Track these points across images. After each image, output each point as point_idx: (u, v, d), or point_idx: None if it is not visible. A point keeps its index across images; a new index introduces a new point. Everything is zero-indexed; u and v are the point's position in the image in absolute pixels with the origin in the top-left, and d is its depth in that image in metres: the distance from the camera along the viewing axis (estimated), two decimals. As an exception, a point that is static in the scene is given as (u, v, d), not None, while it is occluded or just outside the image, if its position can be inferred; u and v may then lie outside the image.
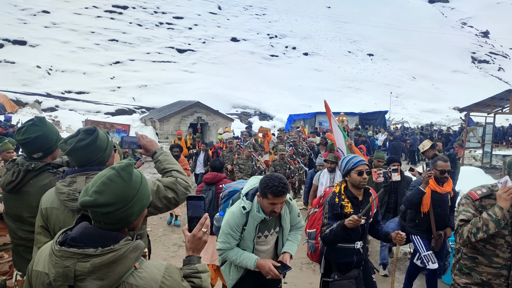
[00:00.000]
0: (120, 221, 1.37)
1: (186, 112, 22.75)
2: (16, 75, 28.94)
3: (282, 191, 2.57)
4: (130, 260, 1.30)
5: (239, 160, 8.18)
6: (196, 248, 1.59)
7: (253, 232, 2.81)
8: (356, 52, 55.36)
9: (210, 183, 4.56)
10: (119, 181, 1.36)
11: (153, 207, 2.04)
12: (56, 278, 1.27)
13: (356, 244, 3.13)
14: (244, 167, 7.96)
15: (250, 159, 8.17)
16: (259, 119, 30.66)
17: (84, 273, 1.24)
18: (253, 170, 7.95)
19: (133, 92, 31.64)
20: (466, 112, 17.12)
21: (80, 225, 1.38)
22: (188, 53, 43.30)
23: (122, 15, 46.48)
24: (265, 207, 2.69)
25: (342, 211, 3.07)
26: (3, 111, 20.58)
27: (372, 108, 33.21)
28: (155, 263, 1.41)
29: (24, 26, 37.50)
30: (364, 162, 3.11)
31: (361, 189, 3.15)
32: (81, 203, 1.33)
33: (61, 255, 1.27)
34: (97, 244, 1.28)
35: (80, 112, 25.65)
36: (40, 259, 1.40)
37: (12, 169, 2.34)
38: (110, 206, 1.33)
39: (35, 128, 2.33)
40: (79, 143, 1.99)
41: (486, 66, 58.28)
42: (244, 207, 2.77)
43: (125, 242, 1.31)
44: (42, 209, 2.00)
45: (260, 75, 40.70)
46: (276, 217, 2.89)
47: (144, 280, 1.32)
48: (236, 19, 54.79)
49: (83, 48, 37.45)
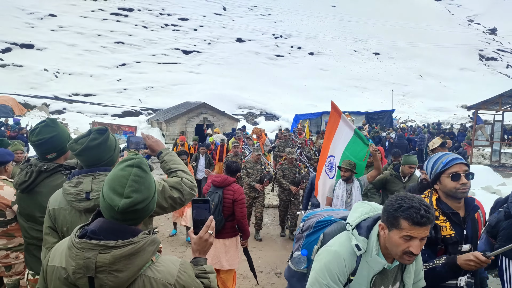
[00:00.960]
0: (146, 212, 1.42)
1: (192, 113, 22.81)
2: (24, 79, 29.26)
3: (427, 216, 1.63)
4: (148, 253, 1.34)
5: (247, 164, 7.63)
6: (202, 250, 1.61)
7: (365, 287, 1.82)
8: (362, 51, 55.11)
9: (218, 186, 4.38)
10: (144, 175, 1.42)
11: (159, 207, 2.04)
12: (76, 271, 1.29)
13: (460, 280, 2.19)
14: (253, 171, 7.41)
15: (258, 163, 7.65)
16: (265, 119, 30.65)
17: (105, 264, 1.27)
18: (262, 175, 7.44)
19: (140, 94, 31.82)
20: (474, 110, 16.96)
21: (98, 220, 1.41)
22: (194, 55, 43.43)
23: (128, 18, 46.79)
24: (394, 245, 1.70)
25: (438, 234, 2.14)
26: (11, 114, 20.83)
27: (379, 107, 33.01)
28: (171, 258, 1.45)
29: (31, 30, 37.90)
30: (460, 161, 2.20)
31: (460, 199, 2.21)
32: (123, 206, 1.33)
33: (82, 247, 1.29)
34: (116, 238, 1.31)
35: (87, 114, 25.86)
36: (56, 255, 1.43)
37: (25, 170, 2.38)
38: (146, 201, 1.40)
39: (49, 129, 2.38)
40: (91, 142, 2.01)
41: (494, 64, 57.67)
42: (357, 246, 1.79)
43: (143, 235, 1.35)
44: (50, 210, 2.02)
45: (265, 76, 40.69)
46: (397, 268, 1.90)
47: (161, 273, 1.35)
48: (241, 20, 54.86)
49: (89, 51, 37.74)
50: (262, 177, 7.35)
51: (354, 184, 4.99)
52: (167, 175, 2.29)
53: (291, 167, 7.56)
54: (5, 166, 3.13)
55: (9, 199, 2.86)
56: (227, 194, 4.27)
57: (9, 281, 2.94)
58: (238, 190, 4.33)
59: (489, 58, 59.13)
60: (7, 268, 2.94)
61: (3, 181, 2.95)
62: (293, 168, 7.59)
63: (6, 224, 2.88)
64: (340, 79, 43.92)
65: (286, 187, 7.21)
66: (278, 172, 7.54)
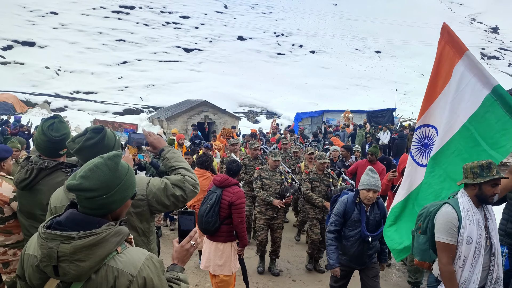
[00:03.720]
0: (102, 207, 1.44)
1: (193, 111, 22.80)
2: (25, 76, 29.28)
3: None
4: (111, 244, 1.37)
5: (263, 172, 5.55)
6: (181, 258, 1.68)
7: None
8: (364, 49, 54.99)
9: (218, 185, 4.19)
10: (105, 169, 1.45)
11: (161, 205, 2.04)
12: (42, 259, 1.35)
13: None
14: (271, 182, 5.45)
15: (277, 171, 5.62)
16: (266, 117, 30.62)
17: (66, 254, 1.31)
18: (284, 188, 5.40)
19: (141, 92, 31.81)
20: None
21: (67, 211, 1.46)
22: (195, 52, 43.39)
23: (129, 15, 46.75)
24: None
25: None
26: (13, 111, 20.84)
27: (380, 105, 32.93)
28: (138, 251, 1.49)
29: (33, 27, 37.91)
30: None
31: None
32: (67, 185, 1.42)
33: (45, 237, 1.34)
34: (81, 228, 1.36)
35: (89, 112, 25.85)
36: (32, 243, 1.48)
37: (26, 167, 2.38)
38: (93, 191, 1.41)
39: (64, 125, 2.48)
40: (87, 142, 2.01)
41: (495, 62, 57.49)
42: None
43: (107, 226, 1.39)
44: (52, 208, 2.03)
45: (267, 74, 40.63)
46: None
47: (124, 264, 1.39)
48: (242, 18, 54.77)
49: (91, 48, 37.74)
50: (284, 191, 5.41)
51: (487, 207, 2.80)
52: (168, 172, 2.28)
53: (322, 176, 5.64)
54: (2, 162, 3.10)
55: (7, 195, 2.85)
56: (226, 196, 4.08)
57: (8, 279, 2.93)
58: (237, 193, 4.10)
59: (491, 56, 58.95)
60: (4, 265, 2.93)
61: (1, 177, 2.94)
62: (325, 178, 5.64)
63: (4, 221, 2.87)
64: (341, 78, 43.83)
65: (319, 203, 5.44)
66: (306, 184, 5.59)
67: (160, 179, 2.10)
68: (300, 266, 5.68)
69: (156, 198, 2.02)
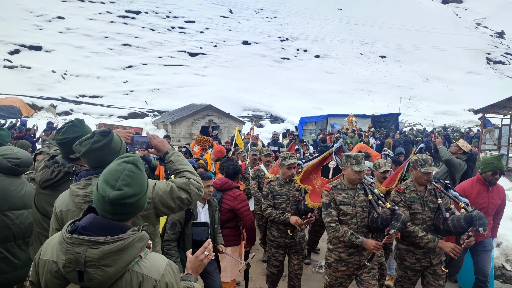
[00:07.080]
0: (137, 209, 1.51)
1: (197, 115, 22.87)
2: (31, 80, 29.51)
3: None
4: (136, 249, 1.40)
5: (275, 185, 4.12)
6: (195, 269, 1.71)
7: None
8: (368, 54, 54.93)
9: (218, 189, 4.07)
10: (138, 172, 1.51)
11: (167, 208, 2.04)
12: (67, 264, 1.34)
13: None
14: (286, 198, 4.08)
15: (293, 186, 4.14)
16: (270, 121, 30.63)
17: (94, 259, 1.32)
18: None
19: (146, 96, 31.95)
20: (481, 114, 16.81)
21: (88, 216, 1.45)
22: (200, 57, 43.56)
23: (134, 20, 47.06)
24: None
25: None
26: (19, 115, 21.00)
27: (385, 110, 32.83)
28: (159, 256, 1.51)
29: (39, 32, 38.26)
30: None
31: None
32: (113, 198, 1.40)
33: (72, 242, 1.34)
34: (106, 233, 1.37)
35: (94, 116, 25.98)
36: (47, 249, 1.47)
37: (52, 168, 2.37)
38: (136, 196, 1.46)
39: (75, 129, 2.41)
40: (94, 145, 2.00)
41: (501, 67, 57.19)
42: None
43: (132, 232, 1.41)
44: (57, 212, 2.02)
45: (271, 78, 40.68)
46: None
47: (148, 269, 1.42)
48: (247, 23, 54.95)
49: (97, 52, 38.00)
50: (303, 213, 4.02)
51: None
52: (173, 175, 2.28)
53: (425, 194, 3.75)
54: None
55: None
56: (226, 200, 3.97)
57: None
58: (239, 196, 3.97)
59: (496, 61, 58.67)
60: None
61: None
62: (429, 198, 3.76)
63: None
64: (346, 82, 43.77)
65: (427, 242, 3.67)
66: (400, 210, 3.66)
67: (165, 182, 2.11)
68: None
69: (162, 201, 2.02)
